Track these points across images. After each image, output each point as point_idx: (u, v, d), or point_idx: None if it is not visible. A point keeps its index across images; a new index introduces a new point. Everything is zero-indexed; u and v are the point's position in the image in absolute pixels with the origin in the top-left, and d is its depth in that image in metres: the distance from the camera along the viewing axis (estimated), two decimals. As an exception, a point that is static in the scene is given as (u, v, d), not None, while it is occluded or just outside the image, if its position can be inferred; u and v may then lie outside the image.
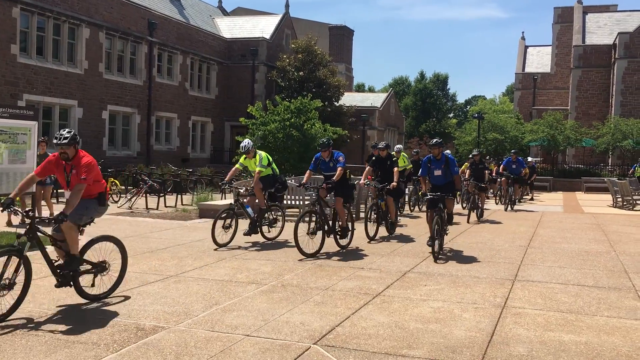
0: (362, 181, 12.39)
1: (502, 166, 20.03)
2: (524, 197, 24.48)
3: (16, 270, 5.87)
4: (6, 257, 5.84)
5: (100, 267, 6.71)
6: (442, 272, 8.73)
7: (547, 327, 6.03)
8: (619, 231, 14.28)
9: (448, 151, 15.40)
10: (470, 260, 9.83)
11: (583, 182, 31.00)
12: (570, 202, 24.15)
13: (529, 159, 25.41)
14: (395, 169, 12.08)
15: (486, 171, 17.32)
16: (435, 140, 10.45)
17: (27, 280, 6.01)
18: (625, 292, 7.67)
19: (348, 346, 5.33)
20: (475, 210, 15.84)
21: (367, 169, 12.55)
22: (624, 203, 21.51)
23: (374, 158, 12.62)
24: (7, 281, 5.78)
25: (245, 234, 10.91)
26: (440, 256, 9.77)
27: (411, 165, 18.13)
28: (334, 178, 10.42)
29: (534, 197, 25.43)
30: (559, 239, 12.67)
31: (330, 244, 10.49)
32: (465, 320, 6.24)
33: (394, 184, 11.74)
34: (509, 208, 19.29)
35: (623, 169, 32.48)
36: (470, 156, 18.25)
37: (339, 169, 10.54)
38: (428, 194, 10.04)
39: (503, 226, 14.88)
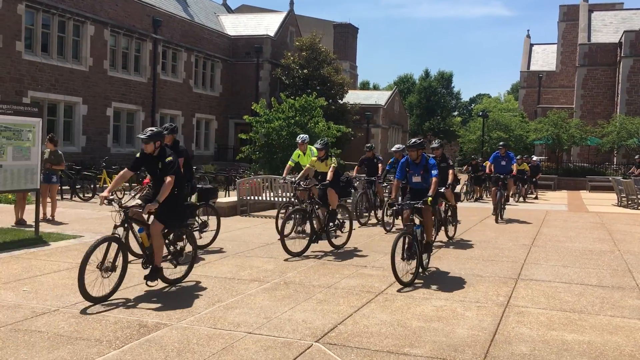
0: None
1: (489, 165, 16.24)
2: (528, 195, 24.45)
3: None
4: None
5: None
6: (445, 271, 8.72)
7: (550, 326, 6.01)
8: (623, 230, 14.23)
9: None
10: (474, 258, 9.81)
11: (588, 181, 30.89)
12: (574, 201, 24.07)
13: (533, 157, 25.20)
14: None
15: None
16: (414, 140, 8.60)
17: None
18: (629, 292, 7.65)
19: (350, 344, 5.33)
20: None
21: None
22: (629, 202, 21.43)
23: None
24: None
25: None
26: (416, 283, 7.78)
27: None
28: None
29: (538, 196, 25.38)
30: (563, 237, 12.63)
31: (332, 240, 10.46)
32: (468, 318, 6.23)
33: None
34: (500, 218, 15.26)
35: (628, 168, 32.33)
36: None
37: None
38: (396, 203, 8.27)
39: (507, 225, 14.84)
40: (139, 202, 7.07)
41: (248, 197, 15.88)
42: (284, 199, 15.84)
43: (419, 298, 7.06)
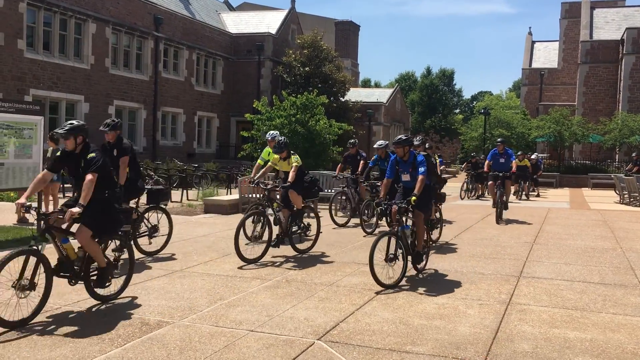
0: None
1: (487, 162, 15.28)
2: (530, 193, 24.42)
3: None
4: None
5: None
6: (447, 268, 8.72)
7: (552, 324, 6.00)
8: (625, 228, 14.21)
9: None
10: (476, 256, 9.81)
11: (590, 178, 30.86)
12: (576, 199, 24.05)
13: (534, 155, 25.13)
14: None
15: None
16: (399, 137, 8.15)
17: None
18: (632, 289, 7.64)
19: (352, 342, 5.33)
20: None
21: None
22: (631, 199, 21.40)
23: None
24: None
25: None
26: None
27: None
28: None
29: (540, 194, 25.36)
30: (565, 235, 12.62)
31: (349, 236, 10.46)
32: (470, 316, 6.22)
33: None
34: (500, 219, 14.45)
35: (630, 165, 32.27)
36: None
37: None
38: (382, 202, 7.88)
39: (509, 223, 14.82)
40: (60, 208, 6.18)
41: (250, 195, 15.89)
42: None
43: (421, 296, 7.05)
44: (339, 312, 6.28)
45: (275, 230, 9.52)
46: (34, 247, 5.74)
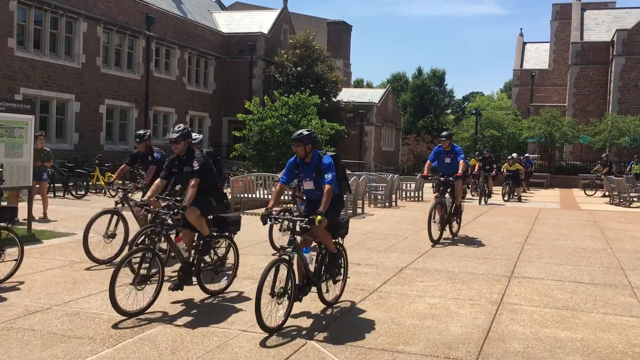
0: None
1: (428, 163, 11.73)
2: (522, 194, 24.51)
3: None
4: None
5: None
6: (439, 269, 8.74)
7: (543, 324, 6.04)
8: (615, 228, 14.31)
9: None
10: (467, 256, 9.84)
11: (580, 179, 31.04)
12: (567, 199, 24.19)
13: (514, 155, 24.58)
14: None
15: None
16: (299, 132, 6.27)
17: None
18: (621, 289, 7.69)
19: (344, 342, 5.34)
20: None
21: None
22: (621, 200, 21.56)
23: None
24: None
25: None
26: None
27: None
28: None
29: (522, 195, 24.92)
30: (555, 235, 12.69)
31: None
32: (462, 316, 6.25)
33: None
34: (436, 241, 10.91)
35: (620, 166, 32.53)
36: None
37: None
38: (269, 217, 6.03)
39: (500, 222, 14.89)
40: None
41: (242, 195, 15.88)
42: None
43: (413, 296, 7.07)
44: (331, 311, 6.29)
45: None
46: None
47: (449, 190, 11.37)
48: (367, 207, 17.59)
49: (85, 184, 19.00)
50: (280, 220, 6.02)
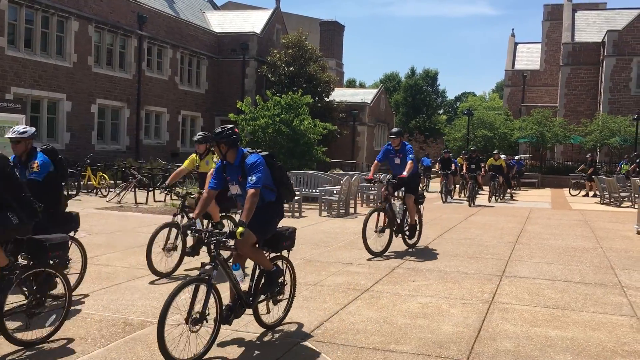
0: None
1: (375, 164, 10.58)
2: (514, 192, 24.61)
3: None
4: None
5: None
6: (431, 268, 8.77)
7: (533, 323, 6.07)
8: (605, 228, 14.40)
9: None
10: (459, 255, 9.88)
11: (571, 179, 31.22)
12: (558, 199, 24.31)
13: (502, 156, 24.41)
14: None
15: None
16: (219, 128, 5.47)
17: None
18: (611, 288, 7.75)
19: (336, 341, 5.35)
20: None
21: None
22: (611, 200, 21.69)
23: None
24: None
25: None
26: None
27: None
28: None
29: (513, 195, 24.84)
30: (546, 235, 12.75)
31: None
32: (453, 315, 6.27)
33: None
34: (375, 250, 9.58)
35: (611, 166, 32.75)
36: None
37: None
38: (191, 228, 5.26)
39: (491, 222, 14.95)
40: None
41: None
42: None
43: (405, 295, 7.09)
44: (323, 311, 6.30)
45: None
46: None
47: (400, 193, 10.30)
48: (359, 206, 17.62)
49: (76, 183, 18.93)
50: (204, 233, 5.09)
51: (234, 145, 5.36)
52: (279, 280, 5.66)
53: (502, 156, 24.21)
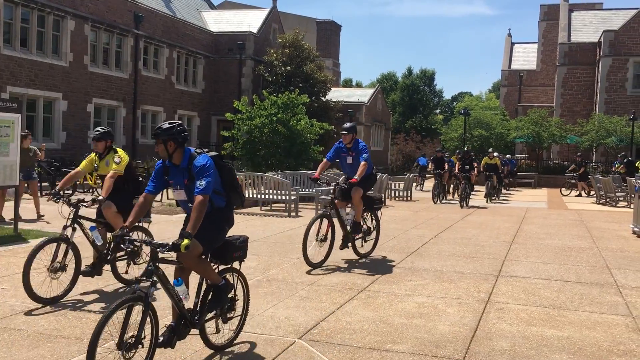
0: None
1: (324, 162, 9.27)
2: (510, 191, 24.63)
3: None
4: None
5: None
6: (427, 268, 8.77)
7: (530, 322, 6.08)
8: (601, 227, 14.44)
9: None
10: (455, 255, 9.89)
11: (567, 178, 31.28)
12: (554, 199, 24.36)
13: (495, 154, 24.34)
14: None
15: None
16: (161, 125, 4.82)
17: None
18: (607, 288, 7.76)
19: (332, 341, 5.35)
20: None
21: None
22: (607, 200, 21.74)
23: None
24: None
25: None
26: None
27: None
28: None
29: (499, 196, 24.60)
30: (542, 234, 12.78)
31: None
32: (449, 315, 6.28)
33: None
34: (313, 262, 8.44)
35: (607, 166, 32.83)
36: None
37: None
38: (122, 238, 4.56)
39: (488, 222, 14.97)
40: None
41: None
42: (269, 197, 15.83)
43: (401, 295, 7.09)
44: (319, 311, 6.30)
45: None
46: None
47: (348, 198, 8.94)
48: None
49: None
50: (138, 244, 4.53)
51: (182, 145, 4.75)
52: (229, 296, 5.05)
53: (495, 154, 24.22)
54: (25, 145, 12.74)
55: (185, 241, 4.27)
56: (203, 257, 4.82)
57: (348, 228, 8.92)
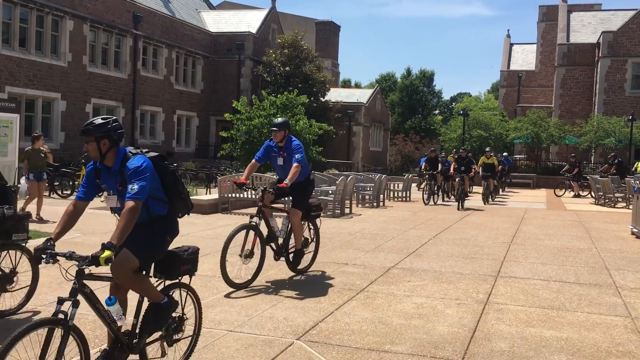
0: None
1: (252, 163, 8.15)
2: (505, 192, 24.62)
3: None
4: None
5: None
6: (426, 268, 8.77)
7: (528, 323, 6.08)
8: (600, 228, 14.44)
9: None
10: (454, 256, 9.88)
11: (565, 179, 31.30)
12: (553, 199, 24.37)
13: (491, 153, 24.17)
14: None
15: None
16: (91, 121, 4.27)
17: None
18: (606, 289, 7.76)
19: (331, 342, 5.34)
20: None
21: None
22: (606, 200, 21.75)
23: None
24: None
25: None
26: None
27: None
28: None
29: (494, 197, 24.38)
30: (541, 235, 12.78)
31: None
32: (448, 316, 6.27)
33: None
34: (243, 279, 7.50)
35: (606, 167, 32.81)
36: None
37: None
38: (46, 251, 3.92)
39: (487, 223, 14.97)
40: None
41: (229, 195, 15.83)
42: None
43: (400, 295, 7.09)
44: (318, 311, 6.29)
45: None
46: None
47: (288, 205, 8.10)
48: (355, 207, 17.63)
49: (71, 183, 18.87)
50: (59, 257, 3.74)
51: (117, 143, 4.11)
52: (174, 315, 4.44)
53: (492, 153, 24.06)
54: (37, 146, 12.68)
55: (106, 253, 3.63)
56: (142, 272, 4.23)
57: (280, 240, 7.69)
